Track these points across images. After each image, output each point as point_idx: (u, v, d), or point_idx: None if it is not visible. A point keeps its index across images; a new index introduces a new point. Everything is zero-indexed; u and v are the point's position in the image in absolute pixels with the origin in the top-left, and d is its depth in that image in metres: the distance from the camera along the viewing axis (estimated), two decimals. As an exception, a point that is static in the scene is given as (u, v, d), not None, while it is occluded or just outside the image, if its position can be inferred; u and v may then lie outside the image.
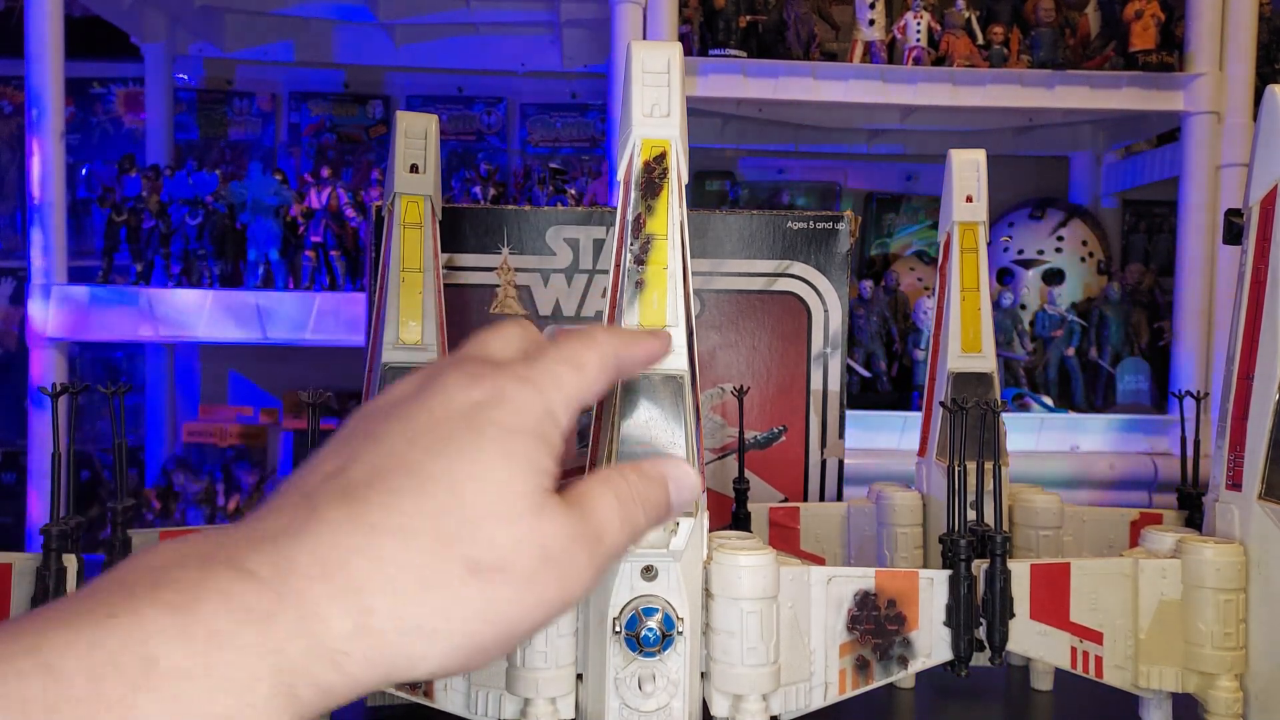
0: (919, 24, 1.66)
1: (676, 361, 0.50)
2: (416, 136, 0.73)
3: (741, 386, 0.79)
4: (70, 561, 0.54)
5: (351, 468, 0.31)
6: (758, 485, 0.87)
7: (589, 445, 0.52)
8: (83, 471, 2.09)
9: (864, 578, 0.54)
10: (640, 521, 0.36)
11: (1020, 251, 1.91)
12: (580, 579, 0.32)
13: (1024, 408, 1.69)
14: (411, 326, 0.71)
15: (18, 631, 0.24)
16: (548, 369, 0.35)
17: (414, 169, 0.73)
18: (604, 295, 0.54)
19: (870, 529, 0.79)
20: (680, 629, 0.49)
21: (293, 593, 0.27)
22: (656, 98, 0.51)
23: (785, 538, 0.79)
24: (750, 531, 0.64)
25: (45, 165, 1.61)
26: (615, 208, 0.54)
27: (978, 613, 0.54)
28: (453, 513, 0.30)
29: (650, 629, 0.48)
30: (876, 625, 0.54)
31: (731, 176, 2.16)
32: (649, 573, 0.48)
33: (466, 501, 0.30)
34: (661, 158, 0.51)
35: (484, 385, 0.33)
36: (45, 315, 1.61)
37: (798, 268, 0.87)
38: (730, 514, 0.76)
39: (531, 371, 0.34)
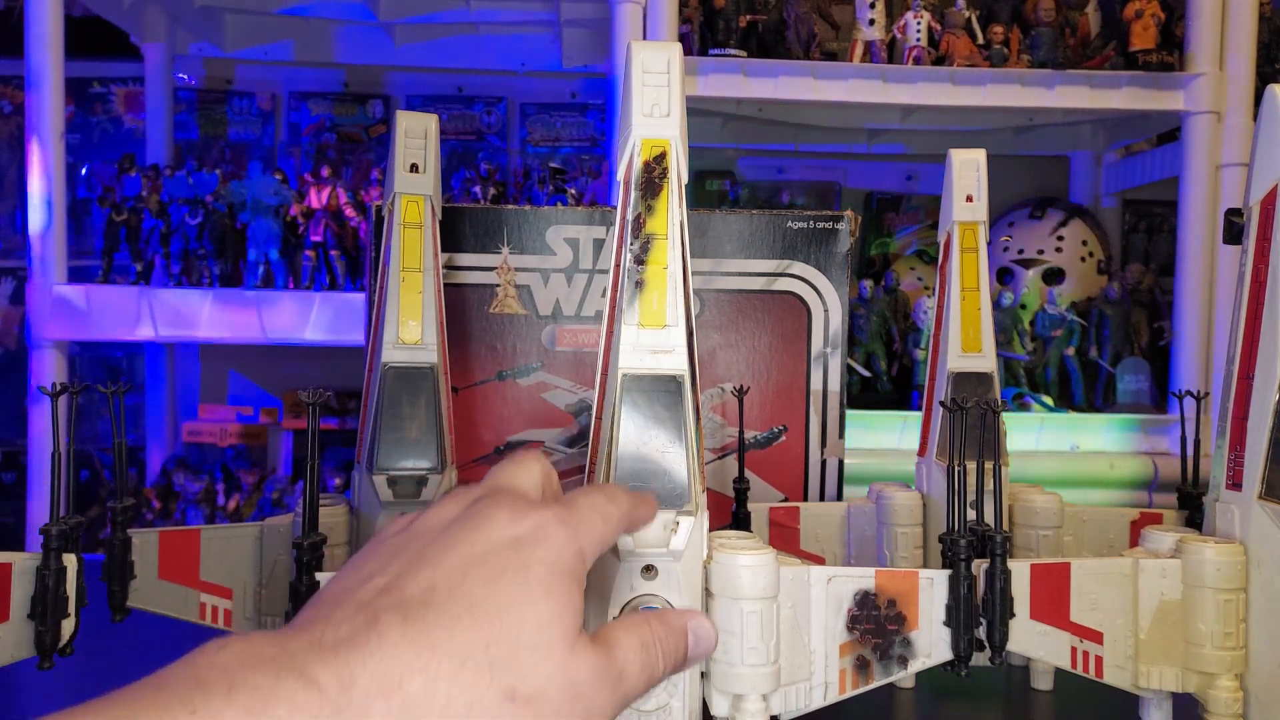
0: (919, 24, 1.66)
1: (676, 361, 0.50)
2: (416, 136, 0.73)
3: (741, 386, 0.79)
4: (70, 561, 0.54)
5: (406, 584, 0.34)
6: (758, 485, 0.87)
7: (589, 444, 0.52)
8: (83, 471, 2.09)
9: (864, 578, 0.54)
10: (659, 669, 0.39)
11: (1020, 251, 1.91)
12: (601, 715, 0.35)
13: (1024, 408, 1.69)
14: (411, 326, 0.71)
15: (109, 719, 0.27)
16: (582, 515, 0.38)
17: (414, 169, 0.73)
18: (604, 295, 0.54)
19: (870, 529, 0.79)
20: (680, 629, 0.49)
21: (353, 707, 0.29)
22: (656, 98, 0.51)
23: (785, 538, 0.79)
24: (750, 531, 0.64)
25: (45, 165, 1.61)
26: (615, 208, 0.54)
27: (978, 613, 0.54)
28: (501, 642, 0.33)
29: (650, 629, 0.48)
30: (876, 625, 0.54)
31: (731, 176, 2.15)
32: (649, 572, 0.48)
33: (514, 633, 0.33)
34: (661, 158, 0.51)
35: (527, 523, 0.36)
36: (45, 315, 1.61)
37: (798, 267, 0.87)
38: (730, 514, 0.76)
39: (569, 515, 0.37)
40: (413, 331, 0.71)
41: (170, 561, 0.64)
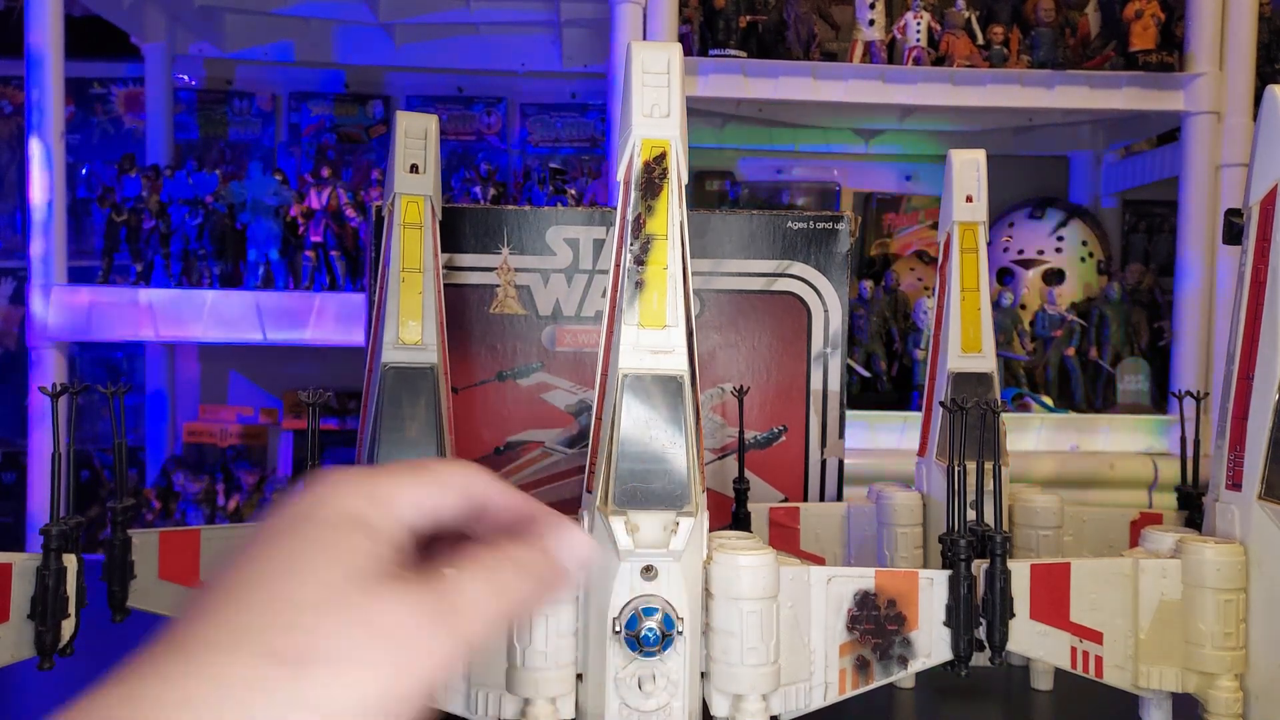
0: (919, 24, 1.66)
1: (676, 362, 0.50)
2: (416, 136, 0.73)
3: (741, 386, 0.79)
4: (70, 561, 0.54)
5: (193, 616, 0.31)
6: (758, 485, 0.87)
7: (589, 444, 0.52)
8: (83, 471, 2.09)
9: (864, 578, 0.54)
10: (516, 586, 0.35)
11: (1020, 251, 1.91)
12: (434, 652, 0.32)
13: (1024, 408, 1.69)
14: (411, 326, 0.71)
15: None
16: (376, 475, 0.35)
17: (414, 169, 0.73)
18: (604, 295, 0.54)
19: (870, 529, 0.79)
20: (680, 629, 0.49)
21: None
22: (656, 98, 0.51)
23: (785, 538, 0.79)
24: (750, 531, 0.64)
25: (45, 165, 1.61)
26: (615, 208, 0.54)
27: (978, 613, 0.54)
28: (265, 613, 0.30)
29: (650, 629, 0.48)
30: (876, 625, 0.54)
31: (731, 176, 2.15)
32: (649, 572, 0.48)
33: (282, 599, 0.31)
34: (661, 158, 0.51)
35: (310, 493, 0.34)
36: (45, 315, 1.61)
37: (798, 268, 0.87)
38: (730, 514, 0.76)
39: (352, 474, 0.35)
40: (413, 332, 0.71)
41: (170, 561, 0.64)
